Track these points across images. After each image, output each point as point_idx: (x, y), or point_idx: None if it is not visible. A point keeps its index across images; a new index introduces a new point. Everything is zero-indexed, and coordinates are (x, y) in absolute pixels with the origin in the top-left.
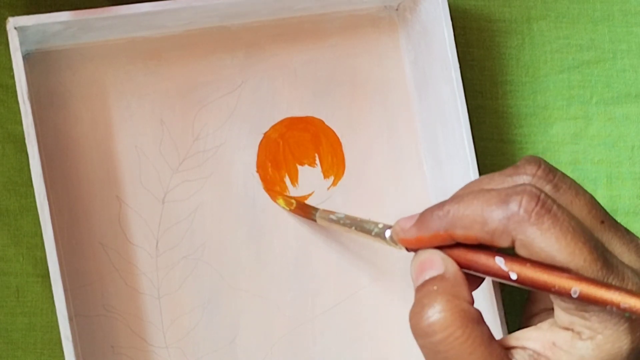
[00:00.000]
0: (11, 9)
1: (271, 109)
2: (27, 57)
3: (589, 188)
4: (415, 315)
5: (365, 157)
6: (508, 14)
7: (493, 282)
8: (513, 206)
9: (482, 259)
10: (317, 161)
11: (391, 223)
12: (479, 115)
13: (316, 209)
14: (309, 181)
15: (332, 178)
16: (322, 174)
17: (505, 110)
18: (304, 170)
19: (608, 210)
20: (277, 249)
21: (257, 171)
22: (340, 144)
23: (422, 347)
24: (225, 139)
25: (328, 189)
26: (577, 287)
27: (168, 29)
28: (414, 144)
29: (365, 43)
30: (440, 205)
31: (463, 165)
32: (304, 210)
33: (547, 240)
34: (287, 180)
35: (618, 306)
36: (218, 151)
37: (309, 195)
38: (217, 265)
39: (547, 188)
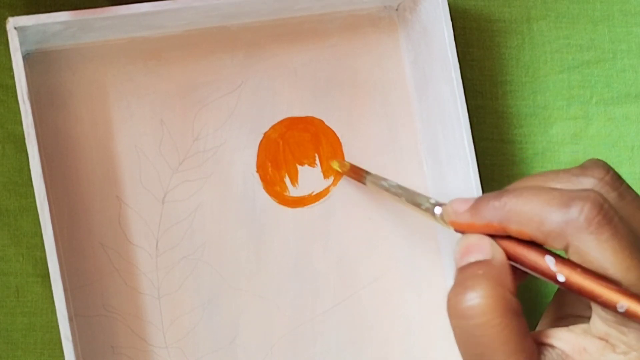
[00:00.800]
0: (11, 9)
1: (271, 109)
2: (27, 57)
3: None
4: (456, 296)
5: (365, 157)
6: (508, 14)
7: None
8: (574, 211)
9: (532, 255)
10: (317, 161)
11: (444, 202)
12: (479, 115)
13: (368, 173)
14: (309, 181)
15: (332, 178)
16: (322, 174)
17: (505, 110)
18: (304, 170)
19: None
20: (277, 249)
21: (257, 171)
22: (340, 144)
23: (456, 328)
24: (225, 139)
25: (328, 188)
26: (625, 303)
27: (168, 29)
28: (414, 144)
29: (365, 43)
30: (498, 195)
31: (463, 165)
32: (356, 173)
33: (603, 252)
34: (287, 180)
35: None
36: (218, 151)
37: (309, 195)
38: (217, 266)
39: (612, 196)
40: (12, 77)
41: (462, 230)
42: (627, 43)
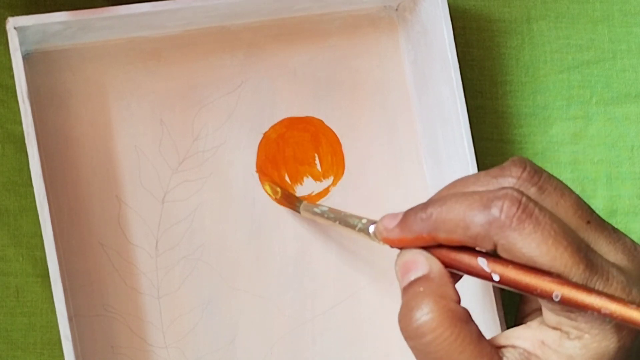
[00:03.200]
0: (11, 9)
1: (271, 109)
2: (26, 57)
3: (589, 188)
4: (404, 318)
5: (365, 157)
6: (508, 14)
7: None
8: (494, 211)
9: (465, 259)
10: (317, 161)
11: (375, 219)
12: (479, 115)
13: (300, 200)
14: (309, 181)
15: (331, 178)
16: (322, 174)
17: (505, 110)
18: (303, 171)
19: (607, 210)
20: (277, 249)
21: (257, 171)
22: (339, 144)
23: (413, 349)
24: (225, 139)
25: (328, 188)
26: (558, 292)
27: (168, 29)
28: (414, 144)
29: (365, 43)
30: (423, 206)
31: (463, 165)
32: (289, 201)
33: (528, 245)
34: (287, 180)
35: (599, 311)
36: (218, 151)
37: (309, 195)
38: (217, 266)
39: (532, 191)
40: (12, 77)
41: (396, 246)
42: (627, 43)
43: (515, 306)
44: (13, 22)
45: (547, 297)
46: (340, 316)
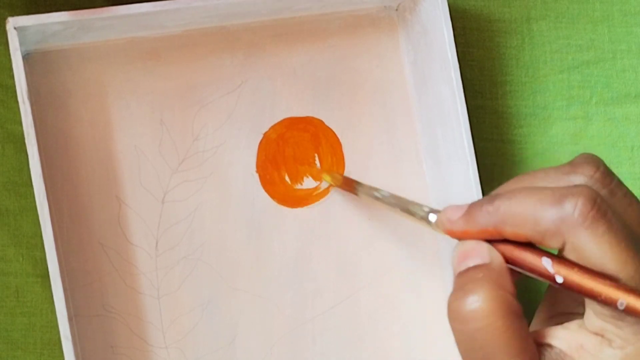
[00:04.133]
0: (11, 9)
1: (271, 109)
2: (26, 57)
3: None
4: (457, 300)
5: (364, 157)
6: (508, 14)
7: None
8: (568, 207)
9: (528, 257)
10: (317, 161)
11: (438, 208)
12: (479, 115)
13: (360, 184)
14: (309, 181)
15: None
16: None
17: (505, 111)
18: (303, 170)
19: None
20: (277, 249)
21: (257, 171)
22: (339, 144)
23: (458, 333)
24: (224, 139)
25: (328, 188)
26: (624, 300)
27: (167, 29)
28: (414, 144)
29: (365, 43)
30: (491, 199)
31: (463, 165)
32: (349, 185)
33: (600, 247)
34: (287, 180)
35: None
36: (217, 151)
37: (309, 195)
38: (217, 266)
39: (604, 192)
40: (12, 77)
41: (458, 237)
42: (627, 43)
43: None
44: (13, 22)
45: (612, 304)
46: (340, 316)
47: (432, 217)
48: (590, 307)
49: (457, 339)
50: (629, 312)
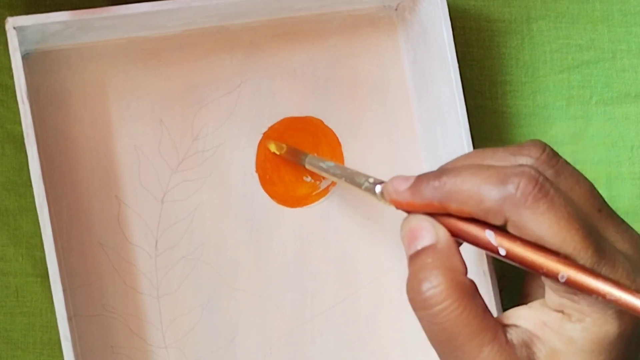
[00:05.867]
0: (10, 8)
1: (270, 108)
2: (26, 57)
3: None
4: (412, 289)
5: (364, 157)
6: (508, 14)
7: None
8: (510, 187)
9: (472, 230)
10: None
11: (384, 179)
12: (479, 115)
13: (306, 154)
14: (309, 181)
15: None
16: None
17: (504, 110)
18: (303, 170)
19: None
20: (277, 248)
21: (257, 171)
22: (339, 144)
23: (421, 319)
24: (224, 139)
25: (327, 188)
26: (565, 273)
27: (167, 29)
28: (413, 143)
29: (365, 43)
30: (438, 174)
31: None
32: (294, 155)
33: (540, 225)
34: (287, 180)
35: (604, 297)
36: (217, 151)
37: (309, 195)
38: (217, 265)
39: (549, 173)
40: (12, 77)
41: (402, 208)
42: (627, 43)
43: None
44: (12, 22)
45: (553, 277)
46: (340, 316)
47: (378, 188)
48: (547, 284)
49: (421, 324)
50: (570, 284)
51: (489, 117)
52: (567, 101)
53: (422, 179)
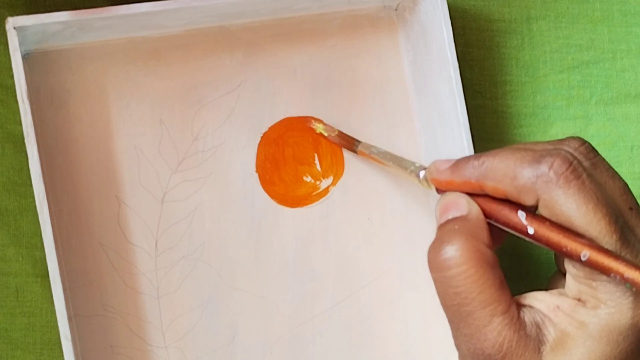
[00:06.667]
0: (10, 8)
1: (270, 108)
2: (26, 57)
3: None
4: (433, 250)
5: (364, 157)
6: (508, 14)
7: None
8: (544, 166)
9: (505, 210)
10: (317, 161)
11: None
12: (479, 115)
13: (359, 141)
14: (309, 181)
15: (331, 178)
16: (321, 174)
17: (505, 110)
18: (303, 170)
19: None
20: (276, 248)
21: (257, 171)
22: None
23: (436, 281)
24: (224, 139)
25: (327, 188)
26: (587, 252)
27: (167, 28)
28: (413, 143)
29: (365, 43)
30: (478, 155)
31: None
32: (346, 140)
33: (568, 205)
34: (287, 180)
35: (622, 275)
36: (217, 151)
37: (309, 195)
38: (217, 265)
39: (586, 164)
40: (12, 77)
41: (442, 188)
42: (627, 43)
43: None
44: (13, 22)
45: (575, 256)
46: (340, 316)
47: (422, 173)
48: (568, 270)
49: (436, 287)
50: (591, 265)
51: (489, 117)
52: (567, 101)
53: (462, 159)
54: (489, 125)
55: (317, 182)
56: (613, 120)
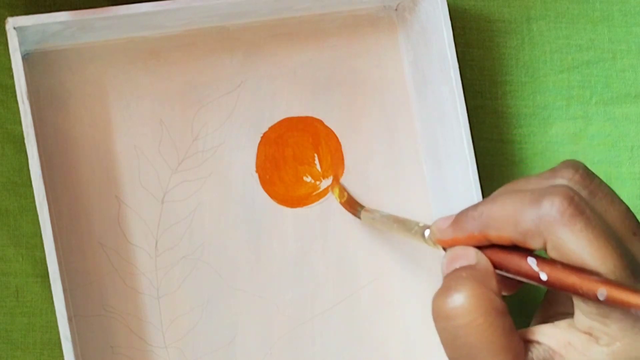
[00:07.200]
0: (10, 9)
1: (270, 109)
2: (26, 57)
3: None
4: (440, 297)
5: (364, 157)
6: (507, 14)
7: None
8: (546, 206)
9: (514, 259)
10: (317, 161)
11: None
12: (479, 116)
13: (362, 206)
14: (309, 181)
15: (331, 178)
16: (321, 174)
17: (504, 111)
18: (303, 170)
19: None
20: (277, 248)
21: (257, 171)
22: (339, 144)
23: (441, 331)
24: (224, 139)
25: (327, 188)
26: (604, 289)
27: (167, 29)
28: (413, 144)
29: (365, 43)
30: (475, 206)
31: (462, 166)
32: (351, 206)
33: (578, 242)
34: (287, 180)
35: None
36: (217, 151)
37: (309, 195)
38: (217, 265)
39: (584, 193)
40: (12, 77)
41: (449, 245)
42: (627, 43)
43: (518, 307)
44: (12, 22)
45: (592, 296)
46: (340, 316)
47: (427, 233)
48: (578, 307)
49: (441, 338)
50: (609, 302)
51: (489, 117)
52: (567, 101)
53: (461, 213)
54: (489, 125)
55: (317, 182)
56: (613, 120)
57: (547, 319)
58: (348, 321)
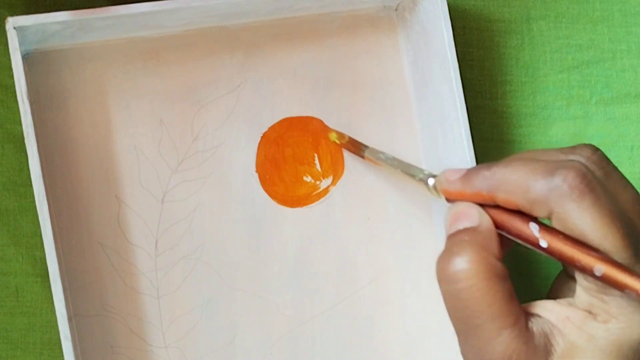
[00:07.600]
0: (10, 8)
1: (270, 109)
2: (26, 57)
3: None
4: (443, 262)
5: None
6: (508, 14)
7: None
8: (558, 179)
9: (517, 222)
10: (317, 161)
11: (435, 173)
12: (479, 115)
13: (366, 146)
14: (309, 181)
15: (331, 178)
16: (321, 174)
17: (504, 110)
18: (303, 170)
19: None
20: (277, 248)
21: (257, 171)
22: (339, 144)
23: (444, 293)
24: (224, 139)
25: (327, 188)
26: (601, 267)
27: (167, 29)
28: (413, 144)
29: (365, 43)
30: (488, 165)
31: (462, 166)
32: (355, 146)
33: (583, 218)
34: (287, 180)
35: (637, 292)
36: (217, 151)
37: (309, 195)
38: (217, 265)
39: (598, 173)
40: (12, 77)
41: (453, 198)
42: (627, 43)
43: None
44: (12, 22)
45: (589, 271)
46: (340, 316)
47: (431, 181)
48: (579, 283)
49: (444, 299)
50: (604, 280)
51: (489, 117)
52: (567, 101)
53: (473, 169)
54: (489, 125)
55: (317, 182)
56: (613, 120)
57: (555, 297)
58: (348, 321)
